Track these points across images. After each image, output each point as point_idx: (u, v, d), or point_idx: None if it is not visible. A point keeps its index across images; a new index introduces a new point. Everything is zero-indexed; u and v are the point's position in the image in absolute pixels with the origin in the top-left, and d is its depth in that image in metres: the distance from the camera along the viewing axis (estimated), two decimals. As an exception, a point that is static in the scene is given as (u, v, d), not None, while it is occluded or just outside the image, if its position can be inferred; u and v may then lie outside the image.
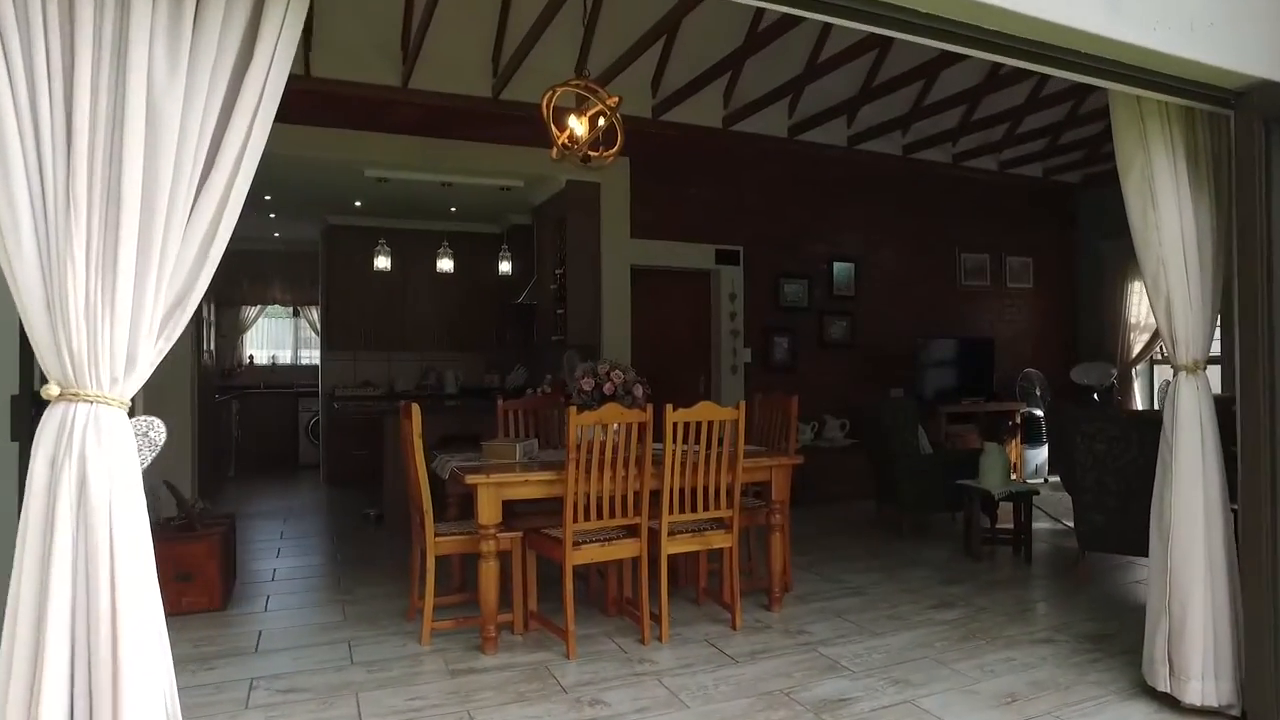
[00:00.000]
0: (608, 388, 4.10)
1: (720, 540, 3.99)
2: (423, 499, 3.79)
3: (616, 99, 4.62)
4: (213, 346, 7.30)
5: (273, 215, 9.03)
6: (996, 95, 7.75)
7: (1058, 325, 9.76)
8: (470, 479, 3.56)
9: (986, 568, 5.09)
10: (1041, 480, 8.35)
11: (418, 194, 7.87)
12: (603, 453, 3.60)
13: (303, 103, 6.45)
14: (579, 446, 3.56)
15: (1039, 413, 8.56)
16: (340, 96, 6.56)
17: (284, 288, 11.05)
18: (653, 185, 7.56)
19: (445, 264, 7.38)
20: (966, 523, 5.41)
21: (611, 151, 4.71)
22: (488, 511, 3.61)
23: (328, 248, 9.24)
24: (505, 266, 7.69)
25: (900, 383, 8.56)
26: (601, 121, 4.67)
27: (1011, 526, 5.37)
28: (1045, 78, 7.97)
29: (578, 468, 3.56)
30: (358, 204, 8.07)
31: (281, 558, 5.58)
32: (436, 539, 3.80)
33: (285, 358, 11.23)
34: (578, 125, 4.58)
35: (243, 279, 10.84)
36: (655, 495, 3.81)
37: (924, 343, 8.48)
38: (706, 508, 3.92)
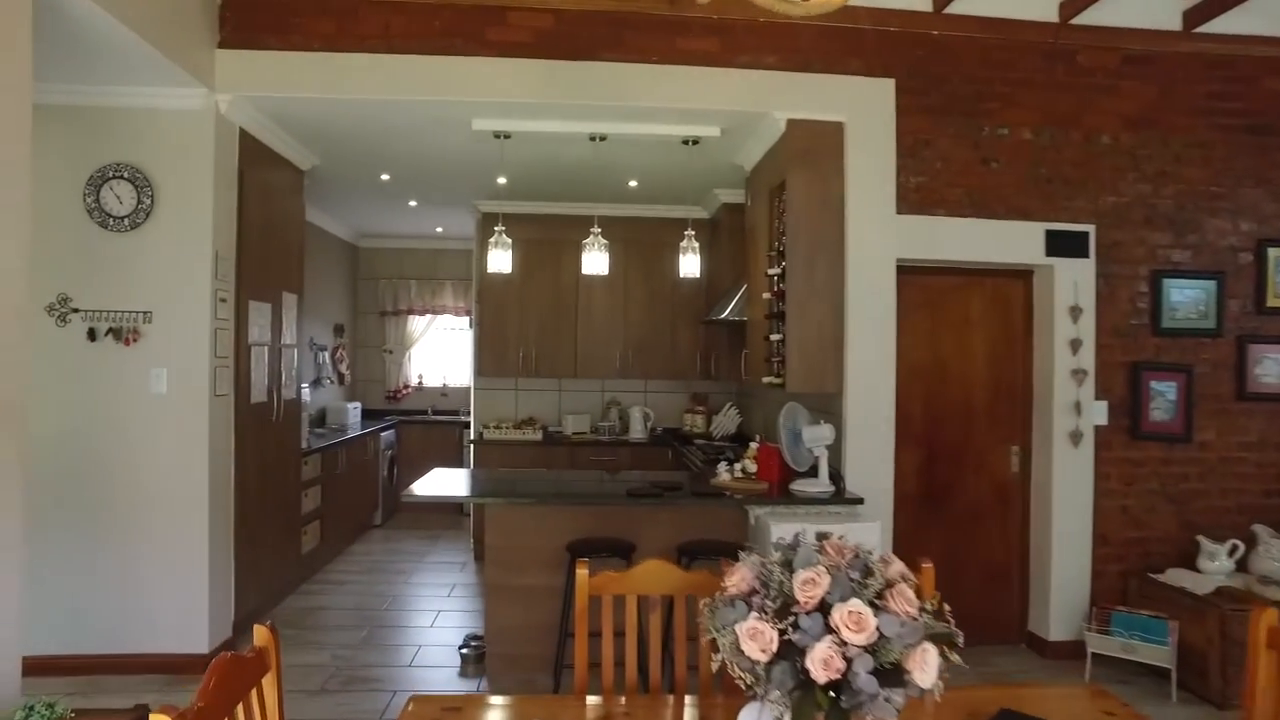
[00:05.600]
0: (823, 663, 1.25)
1: None
2: None
3: None
4: (293, 377, 5.33)
5: (413, 203, 7.05)
6: None
7: None
8: None
9: None
10: None
11: (571, 160, 5.41)
12: None
13: (369, 19, 4.21)
14: None
15: None
16: (421, 6, 4.25)
17: (457, 294, 9.20)
18: (934, 125, 4.51)
19: (596, 260, 4.85)
20: None
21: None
22: None
23: (481, 243, 7.11)
24: (689, 265, 5.01)
25: (1401, 467, 4.73)
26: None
27: None
28: None
29: None
30: (501, 181, 5.80)
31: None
32: None
33: (459, 379, 9.36)
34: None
35: (410, 283, 9.12)
36: None
37: None
38: None
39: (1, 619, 2.59)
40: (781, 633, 1.30)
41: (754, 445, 4.60)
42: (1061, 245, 4.57)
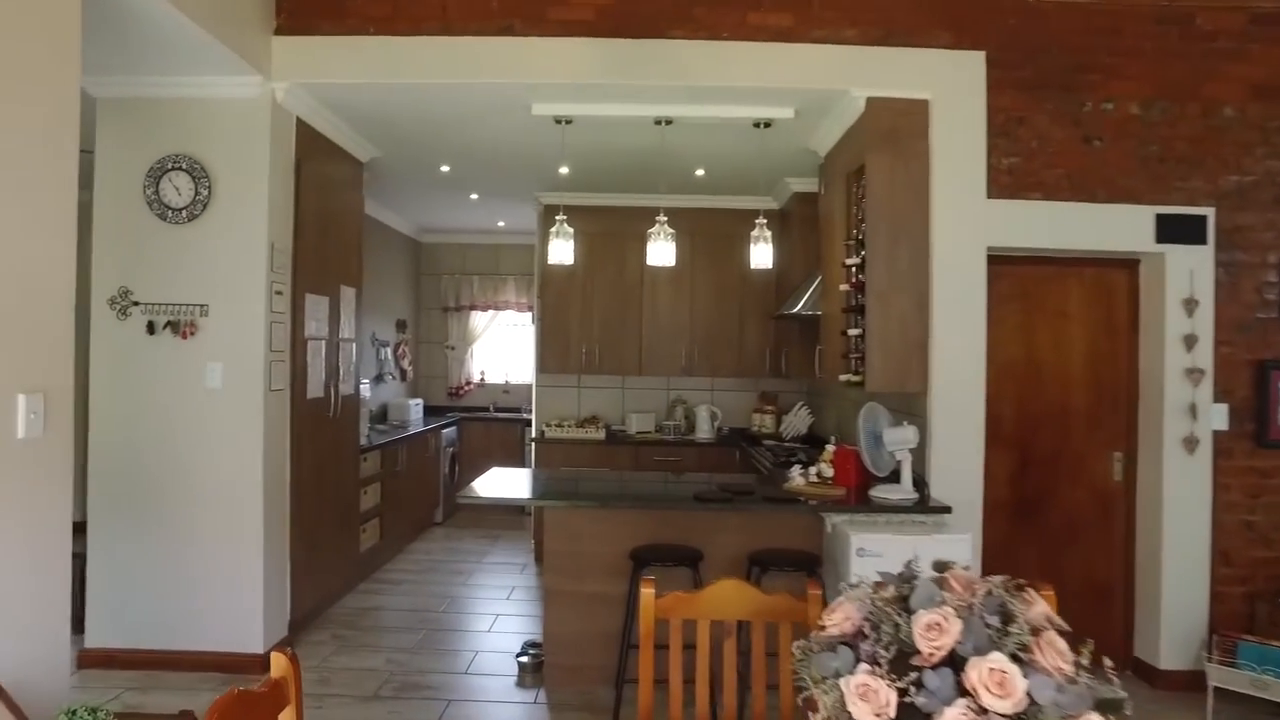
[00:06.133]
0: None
1: None
2: None
3: None
4: (350, 372, 5.23)
5: (474, 196, 6.92)
6: None
7: None
8: None
9: None
10: None
11: (635, 146, 5.18)
12: None
13: (425, 1, 4.05)
14: None
15: None
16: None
17: (520, 290, 9.07)
18: (1029, 100, 4.13)
19: (662, 250, 4.60)
20: None
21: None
22: None
23: (543, 237, 6.93)
24: (760, 255, 4.72)
25: None
26: None
27: None
28: None
29: None
30: (563, 171, 5.61)
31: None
32: None
33: (521, 376, 9.22)
34: None
35: (472, 279, 9.03)
36: None
37: None
38: None
39: (51, 612, 2.48)
40: (901, 692, 1.03)
41: (830, 448, 4.29)
42: (1174, 230, 4.13)
